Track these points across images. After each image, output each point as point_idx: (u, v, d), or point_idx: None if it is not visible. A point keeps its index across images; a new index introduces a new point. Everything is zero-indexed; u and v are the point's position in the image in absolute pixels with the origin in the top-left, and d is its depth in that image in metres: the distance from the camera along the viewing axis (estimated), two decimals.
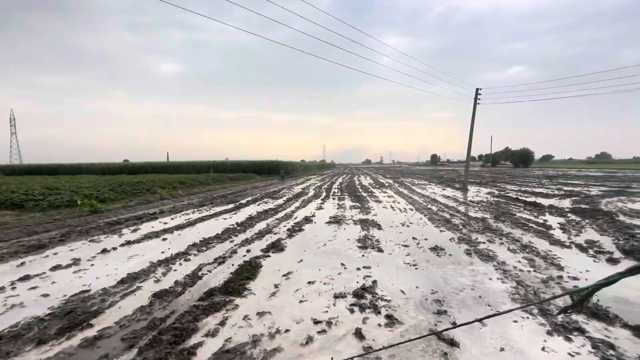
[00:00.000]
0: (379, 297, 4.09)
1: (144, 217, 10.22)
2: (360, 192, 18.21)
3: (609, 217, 9.26)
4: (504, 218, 9.28)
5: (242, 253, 6.14)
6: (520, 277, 4.76)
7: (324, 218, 9.68)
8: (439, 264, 5.43)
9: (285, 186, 23.88)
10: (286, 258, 5.83)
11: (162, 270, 5.22)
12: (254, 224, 8.84)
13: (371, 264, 5.43)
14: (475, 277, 4.79)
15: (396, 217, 9.83)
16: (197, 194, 18.03)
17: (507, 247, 6.26)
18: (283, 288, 4.44)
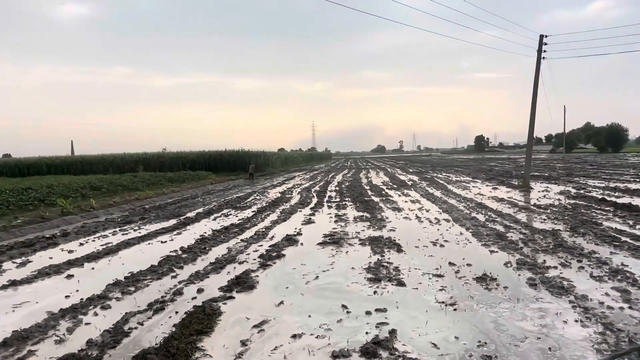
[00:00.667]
0: (400, 355, 4.15)
1: (36, 242, 10.11)
2: (369, 195, 18.37)
3: None
4: (585, 230, 9.48)
5: (191, 294, 6.15)
6: (609, 318, 4.87)
7: (316, 237, 9.73)
8: (489, 301, 5.51)
9: (256, 189, 23.91)
10: (258, 300, 5.84)
11: (67, 324, 5.19)
12: (208, 250, 8.84)
13: (387, 304, 5.49)
14: (543, 320, 4.89)
15: (424, 232, 9.95)
16: (120, 204, 17.88)
17: (589, 274, 6.41)
18: (255, 346, 4.46)
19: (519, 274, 6.55)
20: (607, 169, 32.71)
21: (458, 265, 7.14)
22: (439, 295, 5.83)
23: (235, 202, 17.43)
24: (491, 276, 6.45)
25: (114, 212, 15.93)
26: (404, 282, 6.38)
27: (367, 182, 25.99)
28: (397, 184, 23.75)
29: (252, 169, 35.81)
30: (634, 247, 7.86)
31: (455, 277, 6.55)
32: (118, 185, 23.42)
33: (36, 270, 7.63)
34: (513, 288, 5.98)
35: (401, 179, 28.60)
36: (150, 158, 43.72)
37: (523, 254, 7.69)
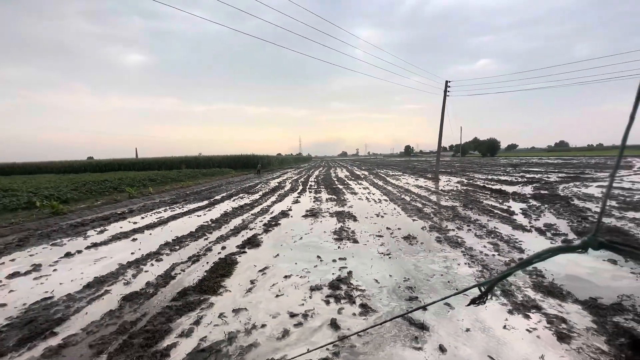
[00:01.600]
0: (354, 288, 4.20)
1: (111, 217, 9.76)
2: (336, 184, 18.39)
3: (565, 201, 9.98)
4: (472, 206, 9.74)
5: (217, 250, 6.05)
6: (485, 261, 5.04)
7: (301, 211, 9.71)
8: (412, 252, 5.62)
9: (262, 181, 23.61)
10: (262, 253, 5.81)
11: (132, 272, 5.04)
12: (229, 220, 8.71)
13: (347, 255, 5.53)
14: (445, 263, 5.02)
15: (371, 208, 10.04)
16: (169, 191, 17.42)
17: (474, 234, 6.60)
18: (259, 284, 4.44)
19: (431, 234, 6.68)
20: (486, 167, 33.65)
21: (392, 229, 7.24)
22: (380, 248, 5.89)
23: (248, 189, 17.16)
24: (413, 236, 6.57)
25: (165, 196, 15.50)
26: (357, 240, 6.43)
27: (335, 176, 25.98)
28: (355, 177, 23.82)
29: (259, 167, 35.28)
30: (501, 217, 8.13)
31: (390, 237, 6.64)
32: (168, 178, 22.73)
33: (111, 236, 7.38)
34: (427, 243, 6.10)
35: (357, 173, 28.70)
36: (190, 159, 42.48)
37: (433, 221, 7.85)
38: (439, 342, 2.99)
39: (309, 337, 3.12)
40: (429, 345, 2.95)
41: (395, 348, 2.93)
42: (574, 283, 4.15)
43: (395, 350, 2.90)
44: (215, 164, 40.63)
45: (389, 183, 18.42)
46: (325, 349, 2.91)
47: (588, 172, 21.83)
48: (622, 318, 3.24)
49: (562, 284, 4.09)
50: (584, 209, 8.77)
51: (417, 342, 3.00)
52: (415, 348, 2.92)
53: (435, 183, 17.82)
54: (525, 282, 4.23)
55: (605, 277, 4.32)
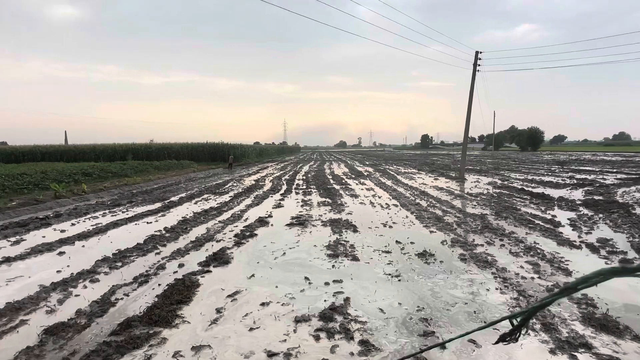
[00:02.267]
0: (352, 319, 4.22)
1: (30, 223, 9.59)
2: (331, 183, 18.45)
3: (624, 210, 10.20)
4: (507, 214, 9.88)
5: (173, 268, 6.01)
6: (522, 285, 5.13)
7: (284, 219, 9.71)
8: (428, 273, 5.68)
9: (234, 177, 23.53)
10: (233, 273, 5.78)
11: (57, 296, 4.97)
12: (189, 229, 8.65)
13: (343, 276, 5.55)
14: (471, 288, 5.08)
15: (376, 215, 10.09)
16: (110, 189, 17.20)
17: (508, 250, 6.70)
18: (228, 313, 4.43)
19: (452, 251, 6.75)
20: (526, 164, 34.20)
21: (403, 243, 7.29)
22: (386, 268, 5.93)
23: (215, 188, 17.08)
24: (430, 252, 6.63)
25: (104, 196, 15.31)
26: (357, 257, 6.46)
27: (330, 173, 26.04)
28: (356, 175, 23.91)
29: (231, 160, 35.16)
30: (544, 229, 8.27)
31: (401, 253, 6.69)
32: (108, 172, 22.41)
33: (29, 247, 7.25)
34: (447, 262, 6.17)
35: (359, 170, 28.84)
36: (138, 148, 41.83)
37: (456, 234, 7.94)
38: None
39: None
40: None
41: None
42: (634, 315, 4.25)
43: None
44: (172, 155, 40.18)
45: (400, 183, 18.54)
46: None
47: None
48: None
49: (619, 316, 4.19)
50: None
51: None
52: None
53: (461, 184, 18.00)
54: (572, 313, 4.31)
55: None
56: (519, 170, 26.75)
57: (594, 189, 15.15)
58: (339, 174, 24.61)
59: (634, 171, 23.52)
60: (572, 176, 21.02)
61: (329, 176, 23.03)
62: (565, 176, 21.08)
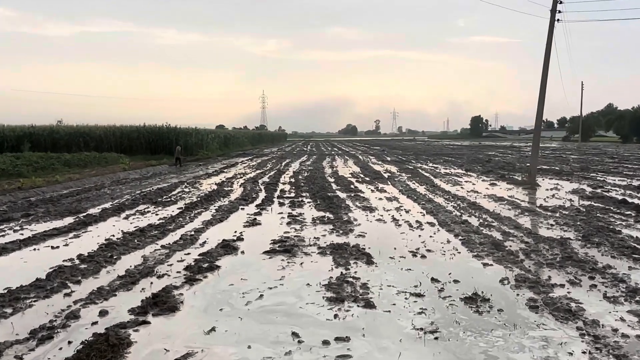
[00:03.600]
0: None
1: None
2: (333, 190, 13.89)
3: None
4: (600, 239, 7.03)
5: (91, 318, 3.88)
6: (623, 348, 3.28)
7: (262, 243, 6.79)
8: (480, 328, 3.74)
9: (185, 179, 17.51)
10: (182, 325, 3.83)
11: None
12: (116, 258, 5.92)
13: (351, 332, 3.69)
14: (545, 352, 3.28)
15: (401, 239, 7.16)
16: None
17: (602, 294, 4.46)
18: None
19: (518, 294, 4.44)
20: (631, 162, 24.18)
21: (442, 281, 4.81)
22: (416, 320, 3.83)
23: (156, 196, 12.34)
24: (483, 296, 4.27)
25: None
26: (373, 303, 4.18)
27: (332, 173, 19.73)
28: (370, 177, 17.82)
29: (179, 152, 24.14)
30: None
31: (439, 297, 4.37)
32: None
33: None
34: (509, 311, 4.02)
35: (375, 169, 21.64)
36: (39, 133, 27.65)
37: (524, 268, 5.46)
38: None
39: None
40: None
41: None
42: None
43: None
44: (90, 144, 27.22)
45: (438, 190, 13.59)
46: None
47: None
48: None
49: None
50: None
51: None
52: None
53: (530, 193, 13.32)
54: None
55: None
56: (619, 172, 19.49)
57: None
58: (345, 176, 18.32)
59: None
60: None
61: (329, 178, 17.23)
62: None
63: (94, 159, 21.94)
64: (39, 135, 27.02)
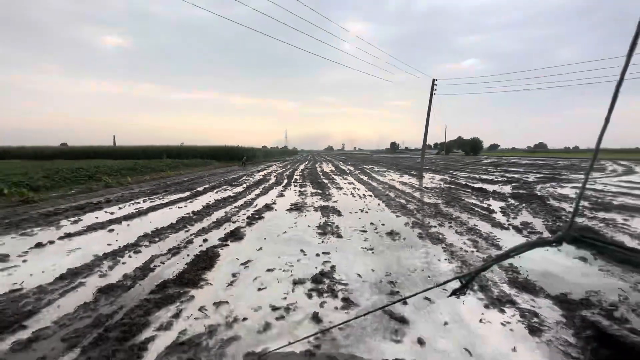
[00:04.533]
0: (337, 282, 4.25)
1: (86, 206, 9.41)
2: (321, 178, 18.39)
3: (541, 201, 10.40)
4: (454, 203, 9.99)
5: (199, 243, 5.95)
6: (465, 257, 5.21)
7: (285, 205, 9.66)
8: (394, 247, 5.73)
9: (246, 173, 23.31)
10: (245, 246, 5.75)
11: (108, 263, 4.90)
12: (211, 213, 8.56)
13: (330, 249, 5.57)
14: (426, 259, 5.14)
15: (356, 203, 10.10)
16: (149, 181, 16.96)
17: (455, 230, 6.77)
18: (241, 277, 4.42)
19: (413, 230, 6.79)
20: (469, 166, 34.47)
21: (376, 224, 7.31)
22: (363, 243, 5.95)
23: (231, 182, 16.86)
24: (396, 232, 6.67)
25: (145, 186, 15.07)
26: (341, 235, 6.45)
27: (321, 170, 25.92)
28: (340, 172, 23.81)
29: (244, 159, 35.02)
30: (481, 215, 8.39)
31: (374, 232, 6.70)
32: (148, 167, 22.01)
33: (86, 226, 7.12)
34: (409, 239, 6.21)
35: (342, 168, 28.79)
36: (172, 149, 40.86)
37: (416, 218, 7.98)
38: (418, 335, 3.09)
39: (291, 331, 3.15)
40: (408, 338, 3.04)
41: (376, 341, 3.00)
42: (547, 279, 4.36)
43: (375, 343, 2.97)
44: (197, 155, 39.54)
45: (374, 179, 18.57)
46: (307, 341, 2.94)
47: (564, 173, 22.80)
48: (589, 312, 3.44)
49: (536, 280, 4.29)
50: (558, 208, 9.18)
51: (397, 335, 3.08)
52: (395, 341, 3.00)
53: (420, 180, 18.10)
54: (502, 278, 4.40)
55: (576, 274, 4.56)
56: (463, 170, 27.02)
57: (519, 184, 15.41)
58: (327, 172, 24.55)
59: (549, 172, 23.96)
60: (504, 175, 21.31)
61: (319, 173, 22.94)
62: (498, 175, 21.36)
63: (200, 162, 31.71)
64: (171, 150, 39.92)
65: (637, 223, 7.41)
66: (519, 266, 4.79)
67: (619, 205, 9.56)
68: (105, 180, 14.77)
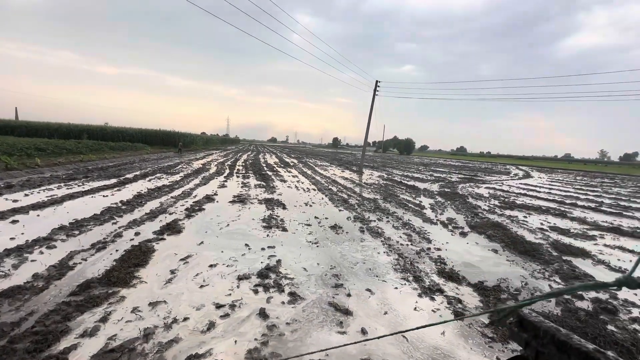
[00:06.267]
0: (283, 276, 4.23)
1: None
2: (265, 170, 18.04)
3: (462, 199, 11.73)
4: (391, 199, 10.68)
5: (129, 236, 5.39)
6: (401, 250, 5.61)
7: (227, 197, 9.26)
8: (338, 241, 5.91)
9: (183, 161, 21.70)
10: (184, 240, 5.39)
11: (12, 261, 4.13)
12: (144, 203, 7.79)
13: (275, 243, 5.52)
14: (367, 252, 5.42)
15: (300, 196, 10.15)
16: (65, 164, 14.67)
17: (392, 225, 7.25)
18: (181, 273, 4.12)
19: (355, 224, 7.09)
20: (403, 164, 37.29)
21: (320, 218, 7.45)
22: (308, 237, 6.01)
23: (166, 169, 15.57)
24: (339, 225, 6.89)
25: (59, 170, 12.98)
26: (286, 228, 6.44)
27: (264, 162, 25.40)
28: (284, 164, 23.65)
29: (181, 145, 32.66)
30: (414, 210, 9.12)
31: (318, 226, 6.82)
32: (63, 148, 18.90)
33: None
34: (351, 233, 6.47)
35: (286, 161, 28.65)
36: (94, 129, 35.26)
37: (357, 212, 8.34)
38: (361, 325, 3.24)
39: (237, 328, 3.05)
40: (352, 329, 3.17)
41: (322, 333, 3.07)
42: (468, 269, 4.94)
43: (322, 335, 3.03)
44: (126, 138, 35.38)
45: (317, 173, 18.87)
46: (254, 338, 2.88)
47: (480, 175, 26.04)
48: (501, 297, 4.00)
49: (459, 270, 4.83)
50: (476, 206, 10.46)
51: (342, 327, 3.19)
52: (340, 332, 3.10)
53: (360, 176, 18.95)
54: (432, 269, 4.86)
55: (489, 264, 5.25)
56: (398, 168, 29.06)
57: (445, 184, 17.14)
58: (271, 163, 24.16)
59: (468, 173, 27.12)
60: (432, 174, 23.49)
61: (263, 164, 22.47)
62: (427, 174, 23.47)
63: (129, 146, 28.68)
64: (94, 130, 34.58)
65: (534, 219, 8.83)
66: (445, 258, 5.33)
67: (520, 205, 11.27)
68: (6, 161, 12.33)
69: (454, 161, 60.87)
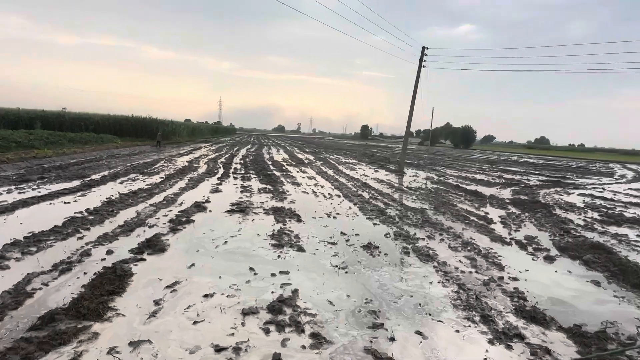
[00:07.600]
0: (302, 311, 4.29)
1: None
2: (271, 170, 18.32)
3: (546, 210, 11.44)
4: (444, 209, 10.58)
5: (100, 255, 5.63)
6: (462, 279, 5.56)
7: (224, 205, 9.48)
8: (373, 265, 5.93)
9: (163, 157, 22.35)
10: (170, 262, 5.57)
11: None
12: (116, 212, 8.10)
13: (290, 267, 5.60)
14: (415, 281, 5.41)
15: (319, 205, 10.24)
16: (15, 162, 15.47)
17: (448, 244, 7.21)
18: (168, 305, 4.26)
19: (396, 244, 7.10)
20: (460, 161, 36.82)
21: (348, 235, 7.48)
22: (333, 260, 6.07)
23: (143, 168, 16.13)
24: (374, 245, 6.91)
25: (8, 169, 13.68)
26: (303, 248, 6.52)
27: (269, 158, 25.82)
28: (296, 162, 23.99)
29: (160, 137, 33.63)
30: (478, 225, 8.99)
31: (346, 244, 6.87)
32: (11, 141, 19.89)
33: None
34: (391, 255, 6.48)
35: (299, 157, 28.92)
36: (49, 116, 36.56)
37: (399, 227, 8.32)
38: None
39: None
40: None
41: None
42: (557, 307, 4.82)
43: None
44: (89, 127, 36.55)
45: (341, 173, 18.95)
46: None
47: (569, 176, 25.27)
48: (608, 347, 3.88)
49: (545, 309, 4.73)
50: (566, 220, 10.17)
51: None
52: None
53: (400, 177, 18.87)
54: (507, 306, 4.78)
55: (589, 300, 5.11)
56: (453, 166, 28.73)
57: (520, 189, 16.77)
58: (278, 160, 24.50)
59: (553, 174, 26.39)
60: (501, 175, 23.04)
61: (268, 162, 22.86)
62: (494, 175, 23.04)
63: (93, 138, 29.61)
64: (48, 118, 35.45)
65: None
66: (525, 290, 5.23)
67: (631, 219, 10.84)
68: None
69: (532, 157, 59.40)
